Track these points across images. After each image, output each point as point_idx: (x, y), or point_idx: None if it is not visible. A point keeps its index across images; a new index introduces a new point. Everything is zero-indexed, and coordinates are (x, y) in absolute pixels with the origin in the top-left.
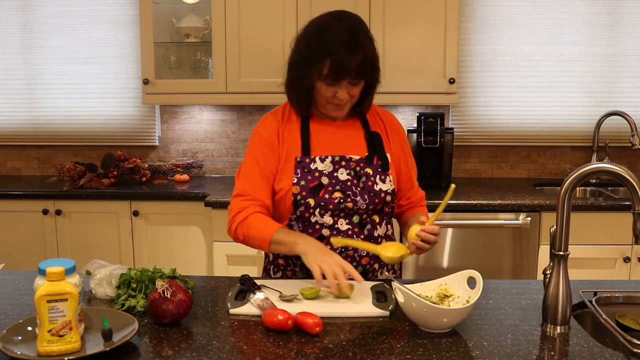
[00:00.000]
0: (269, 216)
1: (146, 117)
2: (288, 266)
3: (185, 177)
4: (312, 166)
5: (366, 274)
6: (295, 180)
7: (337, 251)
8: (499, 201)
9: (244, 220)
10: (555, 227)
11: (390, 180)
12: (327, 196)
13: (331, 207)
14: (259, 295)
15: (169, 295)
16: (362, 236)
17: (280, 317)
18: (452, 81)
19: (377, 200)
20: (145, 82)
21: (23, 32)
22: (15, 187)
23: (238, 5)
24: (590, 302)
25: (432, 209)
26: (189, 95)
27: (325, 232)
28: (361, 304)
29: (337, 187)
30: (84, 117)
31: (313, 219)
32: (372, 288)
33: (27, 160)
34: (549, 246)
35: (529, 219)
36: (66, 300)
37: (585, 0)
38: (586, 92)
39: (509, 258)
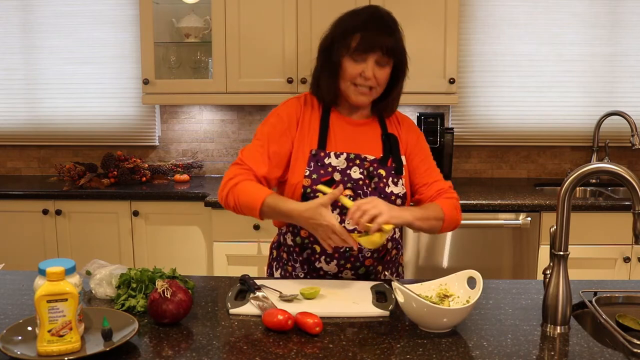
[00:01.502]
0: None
1: (146, 117)
2: (289, 261)
3: (185, 177)
4: (327, 161)
5: (368, 275)
6: (307, 173)
7: (342, 249)
8: (499, 201)
9: (235, 187)
10: (555, 227)
11: (402, 184)
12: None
13: (339, 204)
14: (259, 295)
15: (169, 295)
16: None
17: (280, 317)
18: (452, 81)
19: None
20: (145, 82)
21: (23, 32)
22: (15, 187)
23: (238, 5)
24: (590, 302)
25: None
26: (189, 95)
27: None
28: (361, 304)
29: (349, 185)
30: (84, 117)
31: None
32: (372, 288)
33: (27, 160)
34: (549, 246)
35: (529, 219)
36: (66, 300)
37: (585, 0)
38: (586, 92)
39: (509, 258)
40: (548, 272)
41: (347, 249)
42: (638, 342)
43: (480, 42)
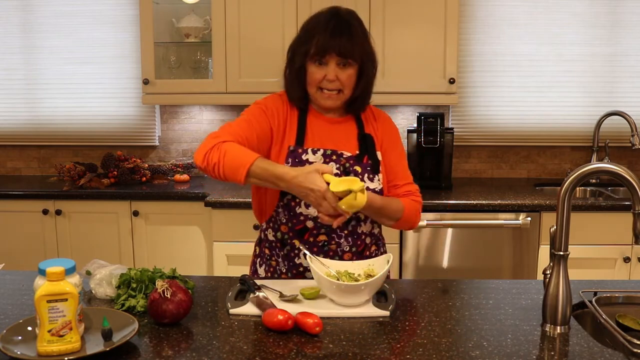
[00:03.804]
0: None
1: (146, 117)
2: (272, 256)
3: (185, 177)
4: (304, 157)
5: None
6: None
7: (320, 244)
8: (499, 201)
9: (223, 144)
10: (555, 227)
11: (378, 180)
12: None
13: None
14: (259, 295)
15: (169, 295)
16: (345, 232)
17: (280, 317)
18: (452, 81)
19: None
20: (145, 82)
21: (23, 32)
22: (15, 187)
23: (238, 5)
24: (590, 302)
25: (432, 208)
26: (189, 95)
27: (309, 223)
28: (361, 304)
29: None
30: (84, 117)
31: (298, 210)
32: None
33: (27, 160)
34: (549, 246)
35: (529, 219)
36: (66, 300)
37: (585, 0)
38: (586, 92)
39: (509, 258)
40: (548, 272)
41: (326, 242)
42: (638, 342)
43: (480, 42)
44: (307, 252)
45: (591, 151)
